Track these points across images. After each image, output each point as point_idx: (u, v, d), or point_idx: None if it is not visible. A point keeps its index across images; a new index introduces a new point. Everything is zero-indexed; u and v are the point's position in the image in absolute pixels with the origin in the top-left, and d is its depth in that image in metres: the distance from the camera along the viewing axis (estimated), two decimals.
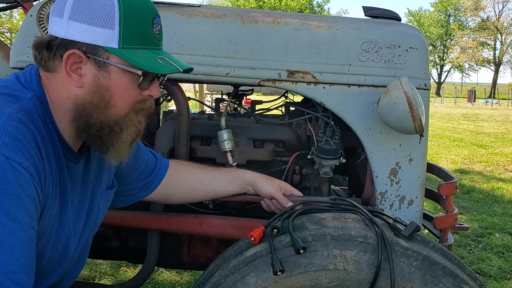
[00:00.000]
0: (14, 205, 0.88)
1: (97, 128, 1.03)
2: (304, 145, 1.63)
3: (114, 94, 1.02)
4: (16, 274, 0.88)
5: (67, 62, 0.98)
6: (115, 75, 1.01)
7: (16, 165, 0.89)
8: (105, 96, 1.01)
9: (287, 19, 1.51)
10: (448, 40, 53.60)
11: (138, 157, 1.37)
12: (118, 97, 1.03)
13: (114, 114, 1.04)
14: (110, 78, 1.01)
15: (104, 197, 1.26)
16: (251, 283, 1.13)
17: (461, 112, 21.11)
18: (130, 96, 1.04)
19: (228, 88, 1.80)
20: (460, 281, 1.15)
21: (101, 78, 1.00)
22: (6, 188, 0.87)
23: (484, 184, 6.07)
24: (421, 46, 1.52)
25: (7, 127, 0.91)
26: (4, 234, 0.87)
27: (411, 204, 1.55)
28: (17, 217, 0.88)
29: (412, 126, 1.34)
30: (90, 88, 1.01)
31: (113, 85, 1.01)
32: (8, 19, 12.03)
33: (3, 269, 0.86)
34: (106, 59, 0.99)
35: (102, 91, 1.01)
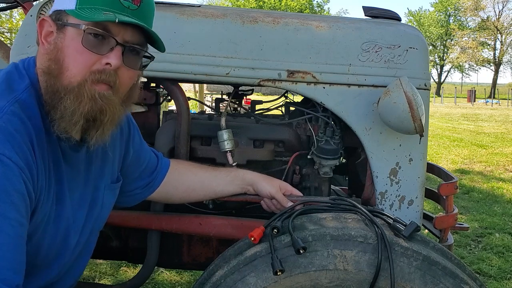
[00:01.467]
0: (1, 199, 0.87)
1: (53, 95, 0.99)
2: (304, 145, 1.63)
3: (66, 56, 0.98)
4: (1, 270, 0.86)
5: (41, 31, 0.99)
6: (69, 36, 0.98)
7: (4, 159, 0.88)
8: (59, 59, 0.98)
9: (287, 19, 1.51)
10: (448, 40, 53.61)
11: (140, 155, 1.37)
12: (69, 59, 0.98)
13: (67, 80, 0.98)
14: (64, 39, 0.98)
15: (108, 191, 1.25)
16: (251, 283, 1.13)
17: (461, 112, 21.11)
18: (83, 59, 0.98)
19: (228, 88, 1.80)
20: (460, 281, 1.15)
21: (58, 41, 0.99)
22: None
23: (484, 184, 6.07)
24: (421, 46, 1.52)
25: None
26: None
27: (411, 204, 1.55)
28: (4, 212, 0.87)
29: (412, 126, 1.34)
30: (50, 52, 1.00)
31: (66, 46, 0.98)
32: (8, 19, 12.02)
33: None
34: (66, 21, 0.99)
35: (58, 53, 0.98)
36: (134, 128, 1.37)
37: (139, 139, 1.39)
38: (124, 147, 1.32)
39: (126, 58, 1.02)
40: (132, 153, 1.35)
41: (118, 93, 1.04)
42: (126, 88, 1.07)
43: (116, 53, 1.00)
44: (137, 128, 1.39)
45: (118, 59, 1.00)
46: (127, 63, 1.03)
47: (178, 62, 1.45)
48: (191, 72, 1.46)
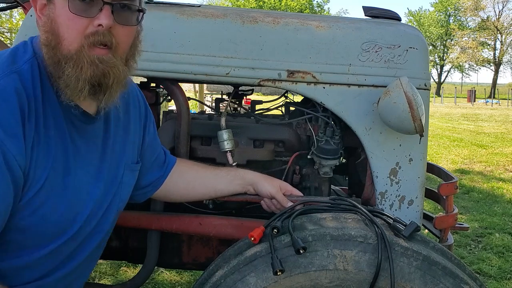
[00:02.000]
0: None
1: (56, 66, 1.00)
2: (304, 145, 1.63)
3: (60, 25, 0.98)
4: None
5: (35, 4, 0.98)
6: (58, 5, 0.98)
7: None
8: (54, 29, 0.99)
9: (287, 19, 1.51)
10: (448, 40, 53.61)
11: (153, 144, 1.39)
12: (63, 27, 0.98)
13: (65, 49, 0.99)
14: (55, 9, 0.99)
15: (128, 171, 1.25)
16: (251, 283, 1.13)
17: (461, 112, 21.11)
18: (75, 25, 0.98)
19: (228, 88, 1.80)
20: (460, 281, 1.15)
21: (50, 12, 0.99)
22: None
23: (484, 184, 6.07)
24: (421, 46, 1.52)
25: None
26: None
27: (411, 204, 1.55)
28: None
29: (412, 126, 1.34)
30: (45, 24, 1.00)
31: (57, 15, 0.98)
32: (8, 19, 12.02)
33: None
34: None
35: (52, 24, 0.99)
36: (151, 115, 1.39)
37: (154, 128, 1.41)
38: (142, 131, 1.34)
39: (117, 15, 1.01)
40: (148, 140, 1.36)
41: (117, 53, 1.04)
42: (125, 46, 1.07)
43: (106, 13, 0.99)
44: (153, 117, 1.41)
45: (108, 18, 0.99)
46: (119, 20, 1.02)
47: (178, 62, 1.45)
48: (191, 72, 1.46)
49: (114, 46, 1.02)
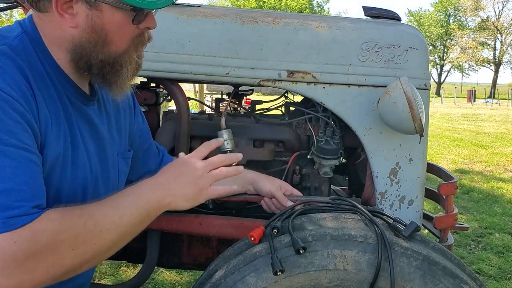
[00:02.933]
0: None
1: (99, 67, 1.04)
2: (304, 145, 1.63)
3: (110, 32, 1.01)
4: (13, 192, 0.85)
5: (57, 2, 0.97)
6: (107, 13, 0.99)
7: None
8: (101, 35, 1.01)
9: (287, 19, 1.51)
10: (448, 40, 53.61)
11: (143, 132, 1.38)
12: (113, 34, 1.02)
13: (113, 51, 1.03)
14: (103, 17, 1.00)
15: (122, 159, 1.25)
16: (251, 283, 1.12)
17: (461, 112, 21.11)
18: (126, 32, 1.03)
19: (228, 88, 1.80)
20: (460, 281, 1.15)
21: (94, 17, 0.99)
22: None
23: (484, 184, 6.07)
24: (421, 46, 1.52)
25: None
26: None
27: (411, 204, 1.55)
28: (2, 139, 0.85)
29: (412, 126, 1.34)
30: (85, 27, 1.00)
31: (107, 23, 1.00)
32: (8, 19, 12.03)
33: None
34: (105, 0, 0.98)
35: (98, 29, 1.00)
36: (137, 104, 1.40)
37: (142, 117, 1.40)
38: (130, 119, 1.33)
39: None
40: (136, 128, 1.35)
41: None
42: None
43: (151, 17, 1.07)
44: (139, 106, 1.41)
45: (154, 22, 1.08)
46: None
47: (178, 62, 1.45)
48: (191, 72, 1.46)
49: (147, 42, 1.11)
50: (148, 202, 1.04)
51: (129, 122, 1.32)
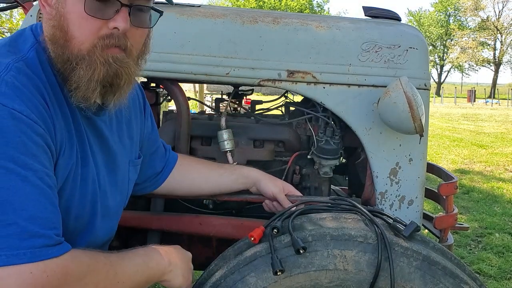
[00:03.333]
0: (21, 152, 0.83)
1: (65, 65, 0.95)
2: (304, 145, 1.63)
3: (70, 23, 0.93)
4: (38, 219, 0.83)
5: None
6: (70, 1, 0.93)
7: (16, 114, 0.84)
8: (63, 26, 0.93)
9: (287, 19, 1.51)
10: (448, 40, 53.60)
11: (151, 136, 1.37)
12: (74, 26, 0.93)
13: (76, 48, 0.94)
14: (65, 5, 0.93)
15: (132, 167, 1.23)
16: (251, 283, 1.12)
17: (461, 112, 21.10)
18: (89, 26, 0.93)
19: (228, 88, 1.80)
20: (460, 281, 1.15)
21: (59, 6, 0.93)
22: (7, 137, 0.82)
23: (484, 184, 6.07)
24: (421, 46, 1.52)
25: (4, 76, 0.87)
26: (16, 180, 0.82)
27: (411, 204, 1.55)
28: (26, 164, 0.84)
29: (412, 126, 1.34)
30: (52, 18, 0.94)
31: (68, 12, 0.92)
32: (8, 19, 12.03)
33: (22, 215, 0.81)
34: None
35: (61, 20, 0.93)
36: (148, 108, 1.37)
37: (152, 121, 1.38)
38: (141, 124, 1.31)
39: (133, 18, 0.97)
40: (146, 132, 1.34)
41: (131, 55, 1.00)
42: (138, 47, 1.04)
43: (123, 15, 0.95)
44: (150, 109, 1.38)
45: (125, 21, 0.95)
46: (135, 23, 0.98)
47: (178, 62, 1.45)
48: (191, 72, 1.46)
49: (128, 49, 0.98)
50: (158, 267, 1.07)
51: (140, 127, 1.30)
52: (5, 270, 0.78)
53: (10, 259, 0.79)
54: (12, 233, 0.80)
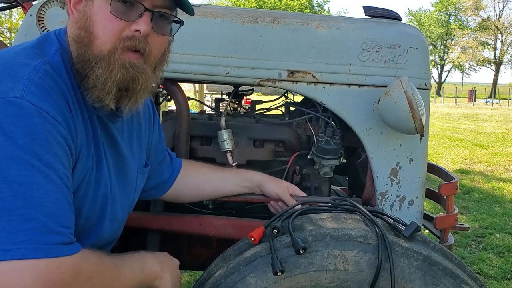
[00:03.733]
0: (45, 150, 0.85)
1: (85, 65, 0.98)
2: (304, 145, 1.63)
3: (95, 24, 0.96)
4: (56, 217, 0.85)
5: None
6: (97, 3, 0.97)
7: (43, 113, 0.87)
8: (88, 27, 0.97)
9: (287, 19, 1.50)
10: (448, 40, 53.60)
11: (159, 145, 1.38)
12: (99, 27, 0.96)
13: (97, 49, 0.97)
14: (93, 7, 0.97)
15: (140, 174, 1.25)
16: (251, 283, 1.12)
17: (461, 112, 21.10)
18: (112, 27, 0.97)
19: (228, 88, 1.80)
20: (460, 281, 1.14)
21: (86, 8, 0.97)
22: (35, 134, 0.84)
23: (484, 184, 6.07)
24: (421, 46, 1.52)
25: (33, 77, 0.89)
26: (39, 177, 0.84)
27: (412, 204, 1.55)
28: (49, 162, 0.86)
29: (413, 126, 1.34)
30: (79, 20, 0.98)
31: (94, 13, 0.96)
32: (7, 19, 12.03)
33: (43, 211, 0.83)
34: None
35: (87, 21, 0.97)
36: (157, 116, 1.38)
37: (160, 129, 1.40)
38: (150, 132, 1.33)
39: (155, 24, 1.00)
40: (154, 141, 1.35)
41: (149, 61, 1.03)
42: (157, 55, 1.06)
43: (145, 19, 0.98)
44: (158, 117, 1.40)
45: (147, 25, 0.98)
46: (156, 29, 1.01)
47: (178, 62, 1.45)
48: (191, 72, 1.46)
49: (146, 54, 1.01)
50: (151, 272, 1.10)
51: (148, 135, 1.31)
52: (22, 263, 0.80)
53: (28, 252, 0.80)
54: (32, 227, 0.82)
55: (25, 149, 0.83)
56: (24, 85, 0.87)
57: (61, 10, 1.40)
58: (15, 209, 0.81)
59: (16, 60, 0.92)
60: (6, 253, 0.79)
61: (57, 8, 1.40)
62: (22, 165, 0.82)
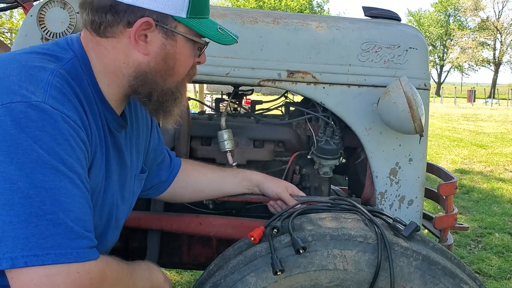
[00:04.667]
0: (69, 155, 0.86)
1: (161, 94, 1.06)
2: (304, 145, 1.63)
3: (178, 61, 1.05)
4: (82, 221, 0.86)
5: (137, 30, 0.98)
6: (180, 43, 1.03)
7: (65, 117, 0.87)
8: (170, 64, 1.04)
9: (287, 19, 1.51)
10: (448, 40, 53.58)
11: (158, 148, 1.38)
12: (180, 64, 1.06)
13: (175, 81, 1.07)
14: (176, 47, 1.03)
15: (137, 181, 1.26)
16: (251, 283, 1.13)
17: (461, 112, 21.10)
18: (189, 63, 1.08)
19: (228, 88, 1.80)
20: (459, 281, 1.15)
21: (168, 46, 1.02)
22: (59, 138, 0.85)
23: (483, 184, 6.07)
24: (421, 46, 1.52)
25: (52, 81, 0.90)
26: (65, 181, 0.84)
27: (411, 204, 1.55)
28: (73, 166, 0.87)
29: (412, 126, 1.34)
30: (157, 56, 1.02)
31: (178, 53, 1.04)
32: (8, 19, 12.03)
33: (70, 215, 0.84)
34: (174, 28, 1.01)
35: (168, 59, 1.03)
36: (154, 120, 1.39)
37: (158, 132, 1.40)
38: (148, 137, 1.33)
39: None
40: (152, 145, 1.36)
41: None
42: None
43: (204, 53, 1.12)
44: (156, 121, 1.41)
45: (205, 57, 1.13)
46: None
47: None
48: None
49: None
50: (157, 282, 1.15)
51: (146, 140, 1.32)
52: (55, 268, 0.81)
53: (59, 257, 0.81)
54: (61, 232, 0.82)
55: (51, 154, 0.83)
56: (44, 89, 0.87)
57: (61, 10, 1.40)
58: (44, 214, 0.81)
59: (32, 63, 0.92)
60: (36, 258, 0.79)
61: (57, 9, 1.40)
62: (48, 170, 0.83)
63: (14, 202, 0.80)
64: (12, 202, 0.79)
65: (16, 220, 0.79)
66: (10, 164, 0.80)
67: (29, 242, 0.79)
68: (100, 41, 1.01)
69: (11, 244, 0.79)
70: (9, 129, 0.82)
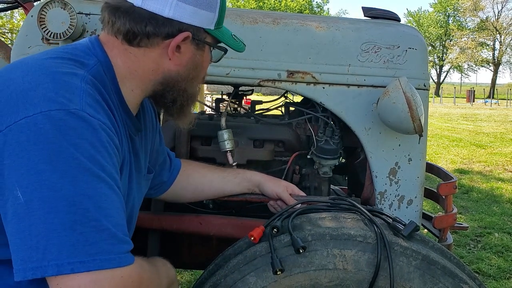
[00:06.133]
0: (107, 161, 0.88)
1: (185, 98, 1.11)
2: (304, 145, 1.64)
3: (203, 69, 1.12)
4: (120, 226, 0.87)
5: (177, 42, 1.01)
6: (206, 52, 1.10)
7: (102, 125, 0.88)
8: (197, 72, 1.10)
9: (287, 20, 1.51)
10: (447, 41, 53.59)
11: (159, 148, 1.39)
12: (204, 70, 1.13)
13: (196, 85, 1.12)
14: (203, 56, 1.09)
15: (145, 181, 1.27)
16: (251, 282, 1.13)
17: (460, 112, 21.11)
18: (207, 67, 1.15)
19: (228, 88, 1.80)
20: (459, 281, 1.15)
21: (197, 56, 1.08)
22: (98, 146, 0.86)
23: (483, 184, 6.08)
24: (420, 47, 1.53)
25: (84, 87, 0.90)
26: (105, 188, 0.86)
27: (411, 203, 1.55)
28: (111, 173, 0.88)
29: (411, 126, 1.35)
30: (187, 65, 1.07)
31: (204, 61, 1.11)
32: (8, 20, 12.02)
33: (111, 221, 0.85)
34: (204, 39, 1.07)
35: (197, 67, 1.09)
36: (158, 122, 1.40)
37: (161, 134, 1.41)
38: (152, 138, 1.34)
39: None
40: (156, 146, 1.37)
41: None
42: None
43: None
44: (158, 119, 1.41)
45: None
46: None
47: None
48: None
49: None
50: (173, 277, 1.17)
51: (152, 141, 1.33)
52: (101, 274, 0.82)
53: (104, 263, 0.82)
54: (105, 238, 0.83)
55: (91, 161, 0.84)
56: (80, 97, 0.88)
57: (62, 11, 1.41)
58: (88, 221, 0.82)
59: (62, 69, 0.91)
60: (82, 264, 0.80)
61: (58, 9, 1.41)
62: (90, 177, 0.83)
63: (58, 210, 0.80)
64: (56, 210, 0.80)
65: (61, 228, 0.80)
66: (53, 172, 0.80)
67: (75, 249, 0.80)
68: (129, 48, 1.01)
69: (56, 251, 0.79)
70: (50, 137, 0.82)
